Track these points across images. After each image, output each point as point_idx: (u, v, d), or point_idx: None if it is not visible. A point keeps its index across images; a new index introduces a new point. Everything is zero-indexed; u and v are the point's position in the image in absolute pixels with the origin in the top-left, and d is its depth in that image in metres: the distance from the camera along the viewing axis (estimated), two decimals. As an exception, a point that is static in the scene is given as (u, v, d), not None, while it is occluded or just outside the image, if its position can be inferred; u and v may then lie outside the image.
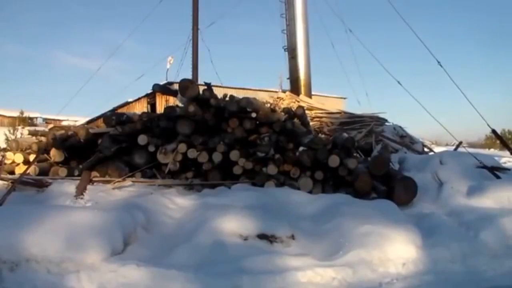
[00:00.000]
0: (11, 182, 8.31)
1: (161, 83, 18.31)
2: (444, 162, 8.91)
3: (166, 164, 9.04)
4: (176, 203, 7.32)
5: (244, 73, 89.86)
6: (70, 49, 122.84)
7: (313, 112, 17.53)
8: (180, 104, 10.77)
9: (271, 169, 8.64)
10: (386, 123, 17.50)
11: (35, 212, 5.90)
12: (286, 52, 22.75)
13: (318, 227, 6.25)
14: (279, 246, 5.75)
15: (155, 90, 14.51)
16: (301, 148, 8.85)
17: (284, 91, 21.42)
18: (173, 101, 20.34)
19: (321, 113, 17.92)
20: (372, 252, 5.38)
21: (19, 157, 10.72)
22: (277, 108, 12.43)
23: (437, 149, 15.87)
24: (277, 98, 19.58)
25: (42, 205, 7.28)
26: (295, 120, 10.75)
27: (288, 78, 22.76)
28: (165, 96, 26.82)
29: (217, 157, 8.86)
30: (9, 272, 4.93)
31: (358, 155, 10.50)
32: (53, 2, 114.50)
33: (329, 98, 32.91)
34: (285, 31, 22.79)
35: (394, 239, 5.63)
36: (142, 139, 9.28)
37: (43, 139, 11.37)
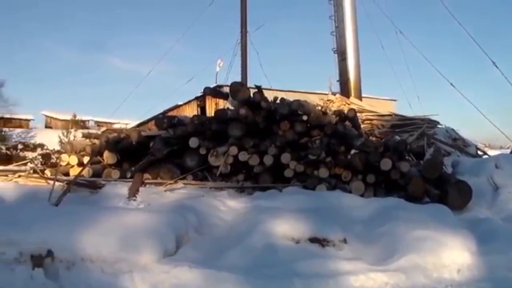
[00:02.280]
0: (66, 183, 8.45)
1: (211, 86, 18.44)
2: (500, 166, 8.71)
3: (217, 167, 9.09)
4: (227, 206, 7.33)
5: (293, 76, 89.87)
6: (121, 52, 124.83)
7: (363, 114, 17.39)
8: (231, 107, 10.82)
9: (323, 172, 8.58)
10: (438, 126, 17.24)
11: (90, 213, 6.01)
12: (336, 54, 22.61)
13: (370, 231, 6.18)
14: (331, 250, 5.69)
15: (206, 93, 14.67)
16: (352, 151, 8.80)
17: (334, 94, 21.33)
18: (223, 104, 20.48)
19: (372, 115, 17.78)
20: (426, 257, 5.27)
21: (73, 159, 10.93)
22: (328, 111, 12.37)
23: (491, 152, 15.53)
24: (327, 100, 19.52)
25: (96, 206, 7.39)
26: (347, 122, 10.68)
27: (337, 80, 22.63)
28: (215, 99, 26.99)
29: (268, 160, 8.86)
30: (65, 271, 5.01)
31: (410, 158, 10.36)
32: (104, 7, 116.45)
33: (379, 100, 32.62)
34: (334, 33, 22.64)
35: (448, 244, 5.50)
36: (193, 142, 9.35)
37: (96, 141, 11.57)
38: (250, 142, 9.16)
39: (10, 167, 16.11)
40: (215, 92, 13.89)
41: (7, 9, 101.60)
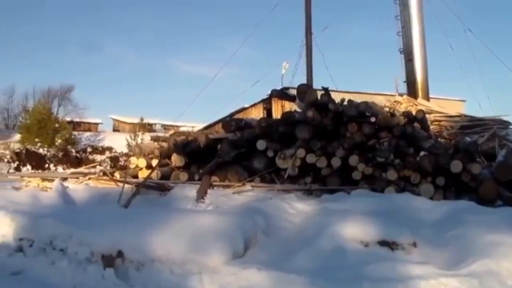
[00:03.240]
0: (135, 186, 8.63)
1: (277, 88, 18.48)
2: None
3: (285, 169, 9.11)
4: (295, 208, 7.35)
5: (359, 77, 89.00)
6: (187, 56, 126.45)
7: (431, 115, 17.07)
8: (298, 109, 10.82)
9: (391, 175, 8.50)
10: (510, 126, 16.77)
11: (159, 215, 6.14)
12: (402, 55, 22.31)
13: (441, 235, 6.07)
14: (401, 254, 5.63)
15: (273, 95, 14.68)
16: (421, 153, 8.68)
17: (400, 95, 21.01)
18: (289, 106, 20.48)
19: (440, 116, 17.40)
20: (500, 263, 5.12)
21: (142, 162, 11.15)
22: (395, 112, 12.22)
23: None
24: (394, 101, 19.24)
25: (165, 208, 7.54)
26: (415, 124, 10.53)
27: (404, 81, 22.33)
28: (281, 101, 27.01)
29: (336, 162, 8.84)
30: (135, 271, 5.14)
31: (481, 160, 10.13)
32: (169, 11, 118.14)
33: (448, 101, 31.97)
34: (400, 33, 22.35)
35: (523, 250, 5.36)
36: (261, 144, 9.40)
37: (164, 144, 11.76)
38: (318, 144, 9.15)
39: (81, 169, 16.60)
40: (282, 94, 13.92)
41: (74, 15, 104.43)
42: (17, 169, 29.93)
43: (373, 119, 9.44)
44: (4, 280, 5.03)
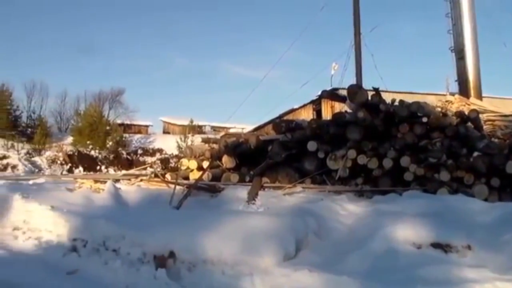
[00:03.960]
0: (187, 187, 8.71)
1: (327, 89, 18.40)
2: None
3: (335, 170, 9.09)
4: (347, 209, 7.32)
5: (409, 77, 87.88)
6: (236, 58, 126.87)
7: (485, 115, 16.75)
8: (348, 110, 10.77)
9: (444, 176, 8.37)
10: None
11: (210, 216, 6.22)
12: (453, 53, 21.93)
13: (496, 238, 5.93)
14: (455, 256, 5.55)
15: (323, 96, 14.73)
16: (475, 154, 8.53)
17: (452, 94, 20.65)
18: (338, 107, 20.37)
19: (494, 116, 17.05)
20: (559, 267, 5.02)
21: (193, 164, 11.27)
22: (447, 112, 12.05)
23: None
24: (446, 101, 18.94)
25: (217, 209, 7.61)
26: (468, 124, 10.35)
27: (456, 80, 21.94)
28: (331, 102, 26.89)
29: (387, 163, 8.76)
30: (187, 272, 5.21)
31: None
32: (214, 14, 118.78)
33: (502, 100, 31.26)
34: (451, 31, 21.95)
35: None
36: (311, 146, 9.40)
37: (215, 146, 11.87)
38: (369, 145, 9.10)
39: (132, 171, 16.86)
40: (333, 95, 13.89)
41: (124, 19, 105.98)
42: (70, 171, 30.57)
43: (425, 120, 9.32)
44: (59, 279, 5.16)
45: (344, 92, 11.22)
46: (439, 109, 12.83)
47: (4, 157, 29.68)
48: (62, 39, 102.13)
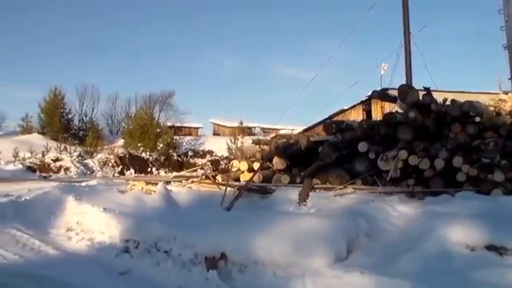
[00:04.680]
0: (237, 189, 8.77)
1: (377, 89, 18.26)
2: None
3: (387, 171, 9.02)
4: (398, 211, 7.26)
5: (460, 76, 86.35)
6: (284, 60, 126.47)
7: (540, 114, 16.36)
8: (399, 110, 10.68)
9: (498, 176, 8.23)
10: None
11: (261, 218, 6.25)
12: (506, 50, 21.41)
13: (554, 240, 5.82)
14: (510, 259, 5.45)
15: (373, 96, 14.57)
16: (531, 154, 8.36)
17: (505, 93, 20.14)
18: (388, 107, 20.16)
19: (550, 114, 16.66)
20: None
21: (244, 165, 11.35)
22: (501, 111, 11.82)
23: None
24: (499, 100, 18.54)
25: (268, 211, 7.65)
26: (523, 123, 10.13)
27: (509, 79, 21.38)
28: (381, 102, 26.65)
29: (439, 163, 8.66)
30: (238, 273, 5.27)
31: None
32: (264, 16, 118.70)
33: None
34: (503, 28, 21.39)
35: None
36: (362, 146, 9.36)
37: (265, 147, 11.90)
38: (420, 146, 9.00)
39: (183, 173, 17.03)
40: (383, 95, 13.78)
41: (175, 21, 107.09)
42: (121, 173, 30.95)
43: (477, 119, 9.18)
44: (112, 279, 5.28)
45: (394, 92, 11.12)
46: (492, 108, 12.57)
47: (57, 159, 30.19)
48: (113, 41, 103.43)
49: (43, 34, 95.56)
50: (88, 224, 7.16)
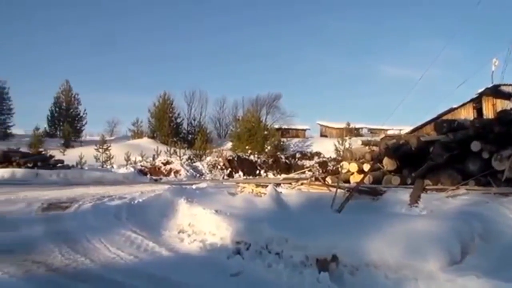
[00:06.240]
0: (348, 191, 8.71)
1: (488, 86, 17.64)
2: None
3: (501, 171, 8.69)
4: (515, 213, 6.97)
5: None
6: (390, 60, 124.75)
7: None
8: (514, 107, 10.29)
9: None
10: None
11: (373, 220, 6.18)
12: None
13: None
14: None
15: (485, 93, 14.10)
16: None
17: None
18: (500, 105, 19.40)
19: None
20: None
21: (353, 167, 11.27)
22: None
23: None
24: None
25: (379, 213, 7.55)
26: None
27: None
28: (492, 100, 25.73)
29: (559, 163, 8.24)
30: (349, 276, 5.23)
31: None
32: (369, 16, 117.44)
33: None
34: None
35: None
36: (475, 146, 9.08)
37: (375, 148, 11.77)
38: (538, 145, 8.61)
39: (292, 175, 17.12)
40: (496, 92, 13.30)
41: (282, 26, 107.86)
42: (230, 175, 31.54)
43: None
44: (224, 280, 5.38)
45: (507, 89, 10.68)
46: None
47: (168, 162, 31.22)
48: (221, 47, 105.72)
49: (153, 42, 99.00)
50: (199, 226, 7.34)
